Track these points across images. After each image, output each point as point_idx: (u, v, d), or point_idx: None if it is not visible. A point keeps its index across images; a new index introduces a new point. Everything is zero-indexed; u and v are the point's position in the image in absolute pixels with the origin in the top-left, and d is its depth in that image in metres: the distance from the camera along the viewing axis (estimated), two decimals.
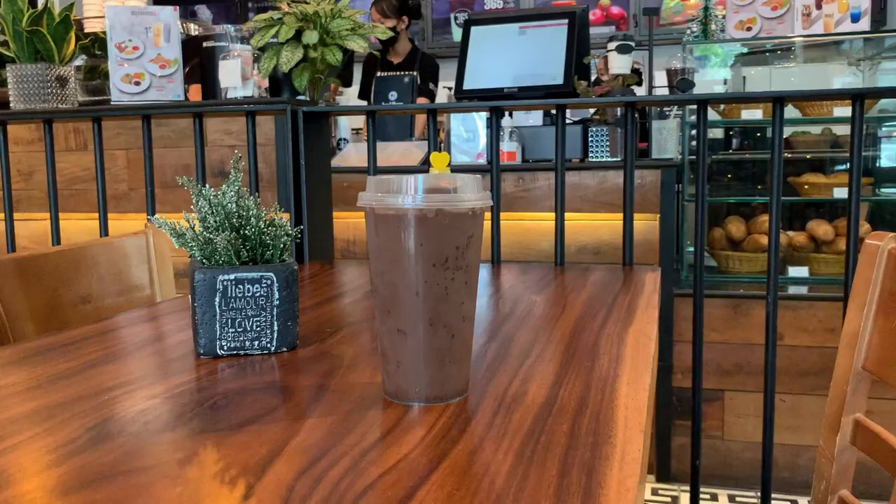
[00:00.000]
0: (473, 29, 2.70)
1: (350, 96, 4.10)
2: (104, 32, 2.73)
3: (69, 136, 2.83)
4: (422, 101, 3.53)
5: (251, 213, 0.85)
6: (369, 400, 0.70)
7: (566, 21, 2.60)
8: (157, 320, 1.08)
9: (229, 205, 0.84)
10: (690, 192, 3.11)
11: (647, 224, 2.54)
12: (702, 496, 2.41)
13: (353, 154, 2.90)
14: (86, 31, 3.16)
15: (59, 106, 2.60)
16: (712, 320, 2.46)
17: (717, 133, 3.54)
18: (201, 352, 0.84)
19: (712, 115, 3.12)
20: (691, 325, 2.51)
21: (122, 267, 1.50)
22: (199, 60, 2.97)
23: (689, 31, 2.87)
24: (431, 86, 3.70)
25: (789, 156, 3.12)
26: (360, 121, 3.85)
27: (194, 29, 3.27)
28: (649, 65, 2.57)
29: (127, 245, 1.51)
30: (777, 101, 1.41)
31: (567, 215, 2.65)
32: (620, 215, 2.53)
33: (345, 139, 3.05)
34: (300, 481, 0.53)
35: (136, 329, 1.01)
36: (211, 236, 0.82)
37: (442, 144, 2.85)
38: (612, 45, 2.42)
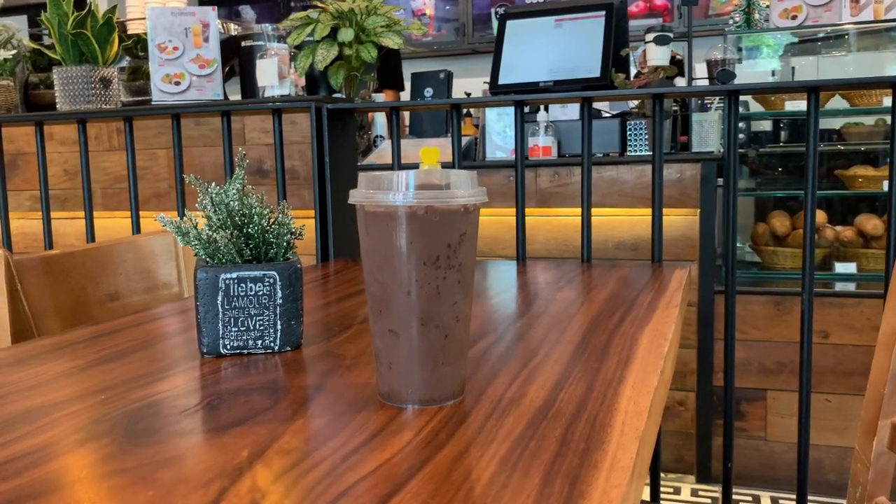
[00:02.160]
0: (509, 23, 2.67)
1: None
2: (146, 34, 2.77)
3: (112, 136, 2.88)
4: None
5: (254, 210, 0.84)
6: (362, 402, 0.69)
7: (603, 13, 2.55)
8: (172, 318, 1.08)
9: (231, 202, 0.83)
10: (738, 188, 3.03)
11: (686, 219, 2.48)
12: (743, 498, 2.35)
13: (389, 151, 2.89)
14: (129, 32, 3.21)
15: (103, 107, 2.65)
16: (754, 318, 2.39)
17: (765, 125, 3.44)
18: (204, 351, 0.83)
19: (756, 107, 3.03)
20: None
21: (150, 265, 1.52)
22: (238, 59, 3.00)
23: (731, 21, 2.79)
24: None
25: (842, 148, 3.02)
26: (403, 118, 3.84)
27: (234, 28, 3.31)
28: (689, 56, 2.50)
29: (154, 243, 1.53)
30: (811, 90, 1.36)
31: (604, 211, 2.61)
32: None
33: (381, 136, 3.05)
34: (274, 486, 0.52)
35: (150, 327, 1.01)
36: (212, 234, 0.82)
37: (477, 140, 2.83)
38: (650, 37, 2.37)
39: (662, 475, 2.50)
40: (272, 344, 0.84)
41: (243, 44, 2.90)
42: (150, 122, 2.64)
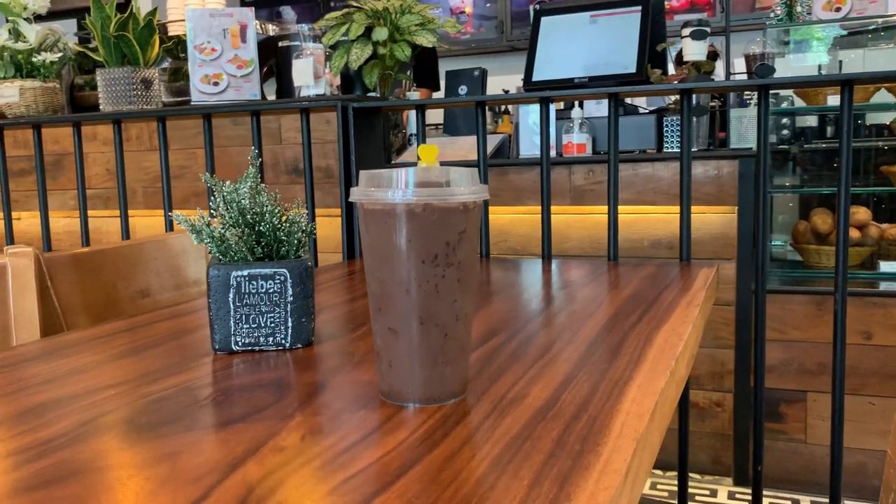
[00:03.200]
0: (543, 20, 2.65)
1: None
2: (186, 35, 2.82)
3: (153, 136, 2.94)
4: None
5: (265, 209, 0.85)
6: (364, 400, 0.69)
7: (639, 8, 2.51)
8: (192, 315, 1.10)
9: (243, 201, 0.84)
10: (777, 184, 2.96)
11: (724, 217, 2.44)
12: (782, 502, 2.30)
13: None
14: (169, 34, 3.27)
15: (144, 107, 2.71)
16: (795, 317, 2.34)
17: (811, 121, 3.35)
18: (217, 347, 0.84)
19: (801, 102, 2.96)
20: (770, 322, 2.39)
21: (180, 262, 1.55)
22: (276, 59, 3.03)
23: (772, 14, 2.72)
24: None
25: (881, 145, 2.93)
26: (437, 116, 3.85)
27: (272, 29, 3.34)
28: (726, 51, 2.45)
29: (185, 241, 1.56)
30: (844, 83, 1.32)
31: (641, 209, 2.58)
32: (695, 208, 2.44)
33: (416, 134, 3.05)
34: (263, 483, 0.52)
35: (169, 323, 1.03)
36: (223, 232, 0.83)
37: (511, 137, 2.81)
38: (686, 32, 2.33)
39: (698, 477, 2.46)
40: (283, 341, 0.85)
41: (280, 44, 2.93)
42: (189, 123, 2.68)
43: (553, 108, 2.70)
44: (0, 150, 2.24)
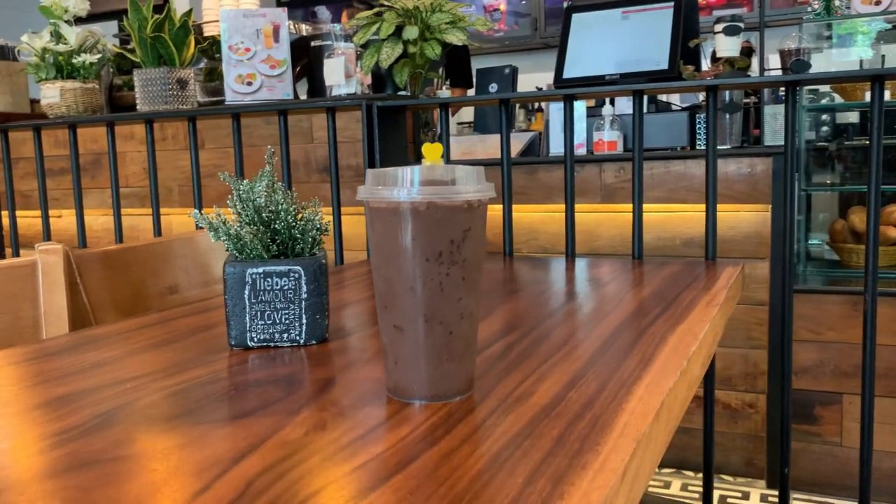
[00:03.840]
0: (574, 16, 2.63)
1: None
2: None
3: (188, 136, 2.98)
4: None
5: (280, 207, 0.86)
6: (371, 396, 0.69)
7: (671, 4, 2.48)
8: (215, 311, 1.11)
9: (258, 199, 0.85)
10: (817, 181, 2.90)
11: (758, 216, 2.40)
12: None
13: (454, 147, 2.90)
14: (205, 34, 3.32)
15: (180, 107, 2.76)
16: (830, 318, 2.29)
17: (852, 118, 3.27)
18: (233, 343, 0.86)
19: (838, 98, 2.89)
20: (805, 322, 2.35)
21: (208, 259, 1.57)
22: (308, 59, 3.06)
23: (809, 9, 2.67)
24: None
25: None
26: (468, 114, 3.85)
27: (305, 29, 3.37)
28: (761, 46, 2.41)
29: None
30: (875, 79, 1.29)
31: (673, 206, 2.55)
32: (729, 206, 2.41)
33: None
34: (262, 477, 0.53)
35: (191, 319, 1.05)
36: (238, 230, 0.84)
37: (541, 135, 2.80)
38: (719, 27, 2.29)
39: (731, 479, 2.43)
40: (297, 337, 0.86)
41: (313, 43, 2.96)
42: (223, 122, 2.72)
43: (584, 105, 2.69)
44: (38, 150, 2.30)
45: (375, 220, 0.66)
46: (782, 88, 2.70)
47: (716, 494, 2.35)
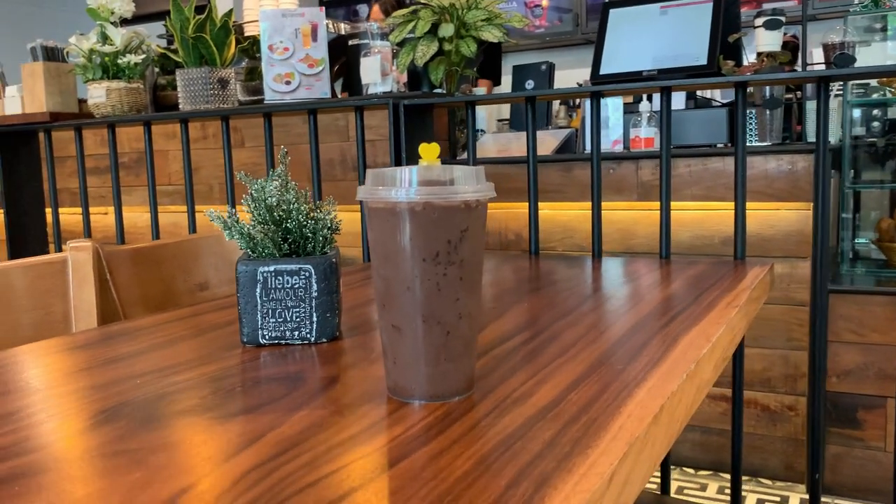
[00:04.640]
0: (612, 12, 2.60)
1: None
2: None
3: (223, 134, 3.03)
4: None
5: (292, 206, 0.87)
6: (372, 395, 0.69)
7: None
8: (233, 309, 1.13)
9: (270, 199, 0.86)
10: (866, 179, 2.82)
11: (800, 214, 2.34)
12: None
13: (490, 144, 2.89)
14: (245, 34, 3.37)
15: (221, 106, 2.80)
16: (874, 319, 2.23)
17: None
18: (245, 340, 0.87)
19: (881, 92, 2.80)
20: (848, 324, 2.28)
21: (236, 256, 1.59)
22: (346, 58, 3.08)
23: (856, 1, 2.60)
24: None
25: None
26: (506, 111, 3.84)
27: (343, 28, 3.40)
28: (803, 40, 2.35)
29: None
30: None
31: (711, 204, 2.50)
32: (769, 204, 2.36)
33: (482, 130, 3.05)
34: (251, 474, 0.53)
35: (209, 317, 1.06)
36: (250, 229, 0.85)
37: (577, 132, 2.78)
38: (760, 22, 2.24)
39: (769, 483, 2.38)
40: (308, 335, 0.87)
41: (350, 42, 2.98)
42: (260, 121, 2.75)
43: (621, 101, 2.65)
44: (79, 149, 2.36)
45: (374, 219, 0.66)
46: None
47: (753, 498, 2.31)
